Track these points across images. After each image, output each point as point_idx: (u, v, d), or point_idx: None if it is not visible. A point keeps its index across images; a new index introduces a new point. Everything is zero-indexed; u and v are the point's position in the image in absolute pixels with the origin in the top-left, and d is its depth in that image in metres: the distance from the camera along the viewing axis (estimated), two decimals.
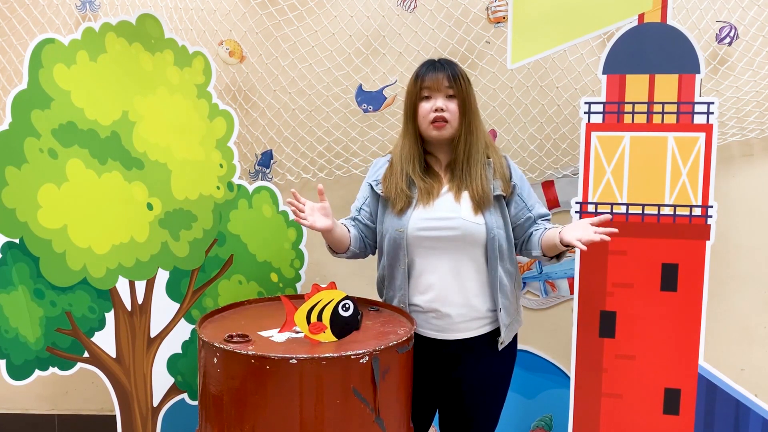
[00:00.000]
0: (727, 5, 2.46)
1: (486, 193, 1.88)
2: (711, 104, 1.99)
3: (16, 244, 2.00)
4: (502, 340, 1.94)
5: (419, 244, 1.89)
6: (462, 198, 1.89)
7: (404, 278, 1.91)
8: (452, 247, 1.88)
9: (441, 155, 1.97)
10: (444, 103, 1.87)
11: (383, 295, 2.03)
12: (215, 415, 1.67)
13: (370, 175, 2.05)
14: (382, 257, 1.98)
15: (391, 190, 1.93)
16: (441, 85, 1.87)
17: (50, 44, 2.00)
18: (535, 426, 2.75)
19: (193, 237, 2.25)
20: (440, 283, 1.89)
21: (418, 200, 1.90)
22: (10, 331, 2.03)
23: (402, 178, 1.92)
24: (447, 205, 1.90)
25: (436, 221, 1.88)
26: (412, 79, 1.93)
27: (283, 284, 2.42)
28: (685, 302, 2.04)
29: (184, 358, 2.27)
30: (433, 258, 1.89)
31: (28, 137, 1.98)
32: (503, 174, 1.94)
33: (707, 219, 2.01)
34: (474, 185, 1.89)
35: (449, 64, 1.92)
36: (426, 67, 1.92)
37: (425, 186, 1.91)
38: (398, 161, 1.95)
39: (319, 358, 1.56)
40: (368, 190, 2.01)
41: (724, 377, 2.06)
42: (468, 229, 1.87)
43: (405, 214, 1.90)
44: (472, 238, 1.87)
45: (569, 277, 2.70)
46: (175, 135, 2.21)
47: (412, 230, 1.88)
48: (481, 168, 1.91)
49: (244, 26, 2.62)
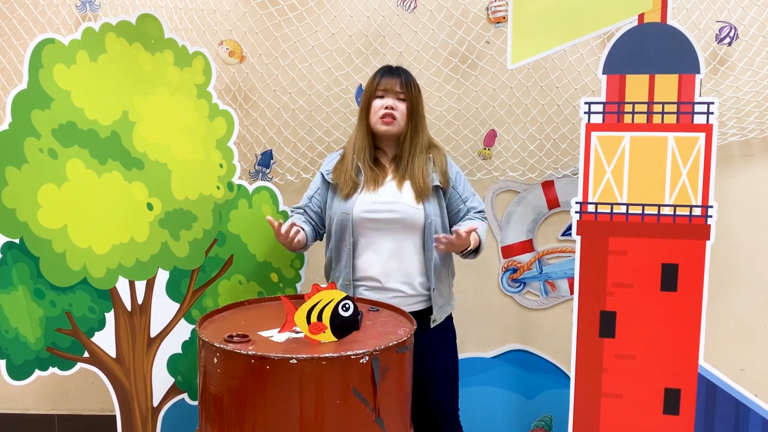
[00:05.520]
0: (727, 5, 2.46)
1: (426, 183, 2.10)
2: (711, 104, 1.99)
3: (16, 244, 2.00)
4: (434, 318, 2.12)
5: (364, 225, 2.09)
6: (404, 187, 2.11)
7: (349, 257, 2.10)
8: (393, 230, 2.08)
9: (388, 149, 2.19)
10: (394, 103, 2.10)
11: (330, 277, 2.20)
12: (215, 415, 1.67)
13: (323, 165, 2.24)
14: (330, 240, 2.16)
15: (339, 178, 2.13)
16: (394, 87, 2.10)
17: (50, 44, 2.00)
18: (535, 426, 2.75)
19: (193, 237, 2.25)
20: (381, 261, 2.09)
21: (365, 186, 2.12)
22: (10, 331, 2.03)
23: (351, 167, 2.13)
24: (390, 192, 2.11)
25: (379, 204, 2.08)
26: (371, 79, 2.15)
27: (283, 284, 2.42)
28: (685, 302, 2.04)
29: (184, 358, 2.27)
30: (376, 238, 2.09)
31: (28, 137, 1.98)
32: (442, 167, 2.15)
33: (707, 219, 2.01)
34: (416, 177, 2.10)
35: (404, 71, 2.15)
36: (383, 70, 2.15)
37: (372, 174, 2.12)
38: (350, 152, 2.16)
39: (319, 358, 1.56)
40: (320, 179, 2.21)
41: (724, 377, 2.06)
42: (408, 213, 2.07)
43: (351, 198, 2.10)
44: (412, 222, 2.08)
45: (569, 277, 2.70)
46: (175, 135, 2.21)
47: (357, 212, 2.08)
48: (423, 162, 2.12)
49: (244, 26, 2.62)
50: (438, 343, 2.15)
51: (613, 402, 2.11)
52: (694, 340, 2.05)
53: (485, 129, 2.68)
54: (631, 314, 2.07)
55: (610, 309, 2.09)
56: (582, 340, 2.12)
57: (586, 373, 2.12)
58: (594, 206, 2.08)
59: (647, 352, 2.07)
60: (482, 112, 2.65)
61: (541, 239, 2.75)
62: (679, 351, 2.06)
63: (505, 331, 2.78)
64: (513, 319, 2.78)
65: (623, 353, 2.09)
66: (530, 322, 2.76)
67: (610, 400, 2.11)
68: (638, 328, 2.07)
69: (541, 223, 2.73)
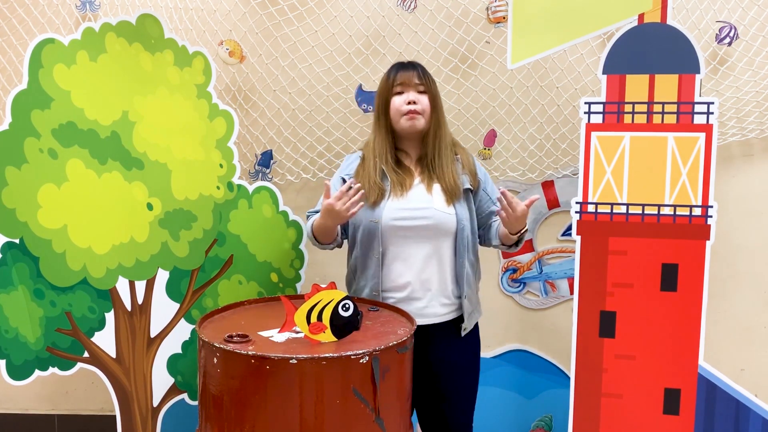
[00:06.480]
0: (727, 5, 2.46)
1: (457, 185, 2.00)
2: (711, 104, 1.99)
3: (16, 244, 2.00)
4: (465, 326, 2.04)
5: (393, 233, 1.98)
6: (434, 190, 2.00)
7: (378, 267, 1.99)
8: (424, 237, 1.98)
9: (411, 150, 2.07)
10: (416, 96, 1.98)
11: (352, 287, 2.10)
12: (215, 415, 1.67)
13: (342, 169, 2.12)
14: (355, 248, 2.05)
15: (363, 184, 1.98)
16: (412, 80, 1.99)
17: (50, 44, 2.00)
18: (535, 426, 2.75)
19: (193, 237, 2.25)
20: (412, 271, 1.98)
21: (392, 191, 1.99)
22: (10, 331, 2.03)
23: (375, 171, 2.00)
24: (420, 196, 1.99)
25: (410, 211, 1.97)
26: (384, 78, 2.04)
27: (283, 284, 2.42)
28: (685, 302, 2.04)
29: (184, 358, 2.27)
30: (406, 246, 1.98)
31: (28, 137, 1.98)
32: (471, 168, 2.07)
33: (707, 219, 2.01)
34: (446, 178, 1.99)
35: (418, 64, 2.05)
36: (397, 66, 2.04)
37: (398, 178, 2.00)
38: (370, 156, 2.03)
39: (319, 358, 1.56)
40: (340, 184, 2.02)
41: (724, 377, 2.06)
42: (440, 218, 1.97)
43: (379, 205, 1.98)
44: (444, 228, 1.97)
45: (569, 277, 2.70)
46: (175, 135, 2.21)
47: (386, 220, 1.97)
48: (450, 161, 2.02)
49: (244, 26, 2.62)
50: (470, 355, 2.10)
51: (613, 402, 2.11)
52: (694, 340, 2.05)
53: (485, 129, 2.68)
54: (631, 314, 2.07)
55: (610, 309, 2.09)
56: (582, 340, 2.12)
57: (586, 373, 2.12)
58: (594, 206, 2.08)
59: (647, 352, 2.07)
60: (482, 112, 2.65)
61: (541, 239, 2.75)
62: (679, 351, 2.06)
63: (505, 331, 2.78)
64: (513, 319, 2.78)
65: (623, 353, 2.09)
66: (530, 322, 2.76)
67: (610, 400, 2.11)
68: (638, 328, 2.07)
69: (541, 223, 2.73)
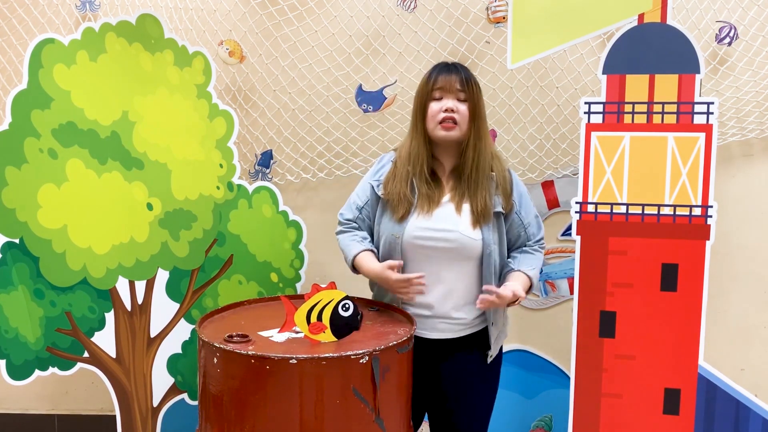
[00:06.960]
0: (727, 5, 2.46)
1: (488, 208, 1.88)
2: (711, 104, 1.99)
3: (16, 244, 2.00)
4: (491, 354, 1.97)
5: (415, 251, 1.90)
6: (463, 210, 1.89)
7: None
8: (446, 258, 1.89)
9: (446, 160, 1.96)
10: (454, 104, 1.86)
11: (376, 288, 2.05)
12: (215, 415, 1.67)
13: (372, 173, 2.03)
14: (379, 256, 1.98)
15: (393, 195, 1.91)
16: (453, 86, 1.87)
17: (50, 44, 2.00)
18: (535, 426, 2.75)
19: (193, 237, 2.25)
20: (432, 289, 1.89)
21: (418, 206, 1.90)
22: (10, 331, 2.03)
23: (405, 181, 1.91)
24: (446, 216, 1.89)
25: (433, 232, 1.88)
26: (425, 79, 1.92)
27: (283, 284, 2.42)
28: (685, 302, 2.04)
29: (184, 358, 2.27)
30: (426, 264, 1.89)
31: (28, 137, 1.98)
32: (505, 189, 1.94)
33: (707, 219, 2.01)
34: (477, 198, 1.88)
35: (463, 68, 1.91)
36: (439, 68, 1.91)
37: (428, 192, 1.90)
38: (403, 163, 1.94)
39: (319, 358, 1.56)
40: (369, 190, 1.99)
41: (724, 377, 2.06)
42: (464, 243, 1.87)
43: (404, 220, 1.90)
44: (468, 252, 1.88)
45: (569, 277, 2.70)
46: (175, 135, 2.21)
47: (408, 237, 1.89)
48: (486, 179, 1.90)
49: (244, 26, 2.62)
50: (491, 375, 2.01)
51: (613, 402, 2.11)
52: (694, 340, 2.05)
53: None
54: (631, 314, 2.07)
55: (610, 309, 2.09)
56: (582, 340, 2.12)
57: (586, 373, 2.12)
58: (594, 206, 2.08)
59: (647, 352, 2.07)
60: None
61: None
62: (679, 351, 2.06)
63: None
64: (513, 319, 2.77)
65: (623, 353, 2.09)
66: (530, 322, 2.76)
67: (610, 400, 2.11)
68: (638, 328, 2.07)
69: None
